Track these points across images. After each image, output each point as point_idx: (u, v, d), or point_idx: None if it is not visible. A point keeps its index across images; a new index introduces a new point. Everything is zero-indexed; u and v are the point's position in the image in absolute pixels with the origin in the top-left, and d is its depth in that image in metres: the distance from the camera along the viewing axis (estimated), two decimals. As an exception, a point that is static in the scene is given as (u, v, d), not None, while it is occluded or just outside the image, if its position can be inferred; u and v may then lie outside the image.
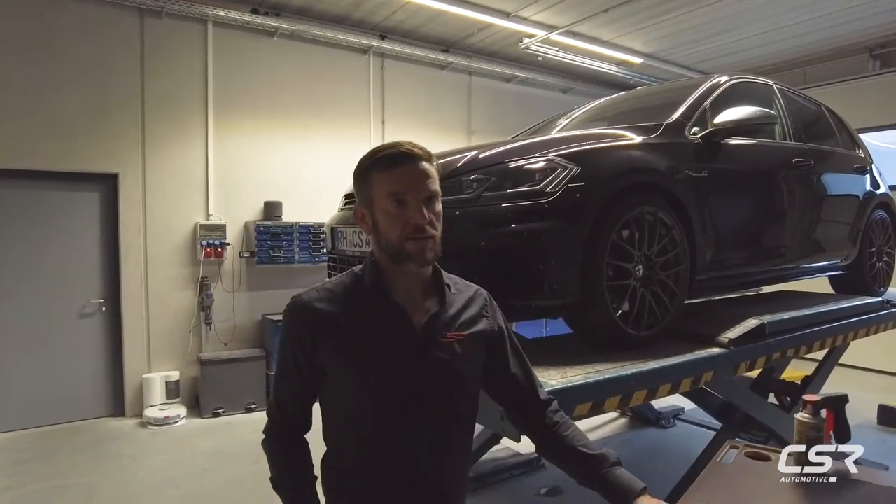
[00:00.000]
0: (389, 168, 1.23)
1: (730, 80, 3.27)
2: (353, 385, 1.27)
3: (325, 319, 1.26)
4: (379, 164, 1.24)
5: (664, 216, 2.50)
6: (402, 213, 1.22)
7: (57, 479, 4.19)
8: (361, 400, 1.27)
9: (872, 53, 7.59)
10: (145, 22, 5.68)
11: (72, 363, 5.49)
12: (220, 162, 6.13)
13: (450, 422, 1.32)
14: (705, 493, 1.46)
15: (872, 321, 3.64)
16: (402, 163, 1.23)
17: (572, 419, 2.02)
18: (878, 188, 4.25)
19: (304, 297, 1.29)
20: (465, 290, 1.42)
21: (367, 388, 1.26)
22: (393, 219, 1.23)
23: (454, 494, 1.35)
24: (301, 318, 1.28)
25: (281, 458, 1.35)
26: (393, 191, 1.22)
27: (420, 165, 1.24)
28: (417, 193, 1.22)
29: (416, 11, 6.38)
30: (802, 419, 1.62)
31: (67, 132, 5.34)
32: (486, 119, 8.03)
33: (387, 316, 1.27)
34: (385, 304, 1.28)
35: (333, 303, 1.28)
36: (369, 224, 1.29)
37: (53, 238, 5.42)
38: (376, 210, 1.25)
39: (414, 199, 1.22)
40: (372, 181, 1.25)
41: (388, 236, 1.24)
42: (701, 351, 2.51)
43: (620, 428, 5.32)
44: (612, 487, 1.33)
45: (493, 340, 1.41)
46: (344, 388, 1.29)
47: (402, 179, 1.22)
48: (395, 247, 1.24)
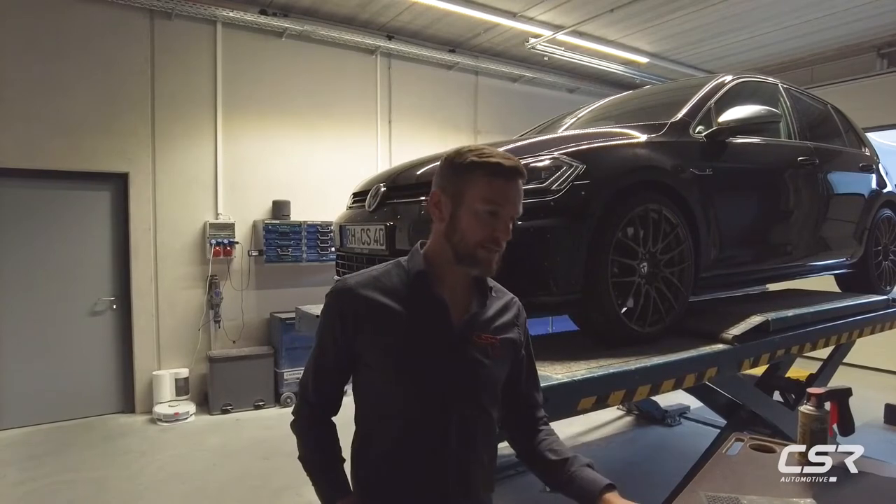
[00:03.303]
0: (497, 177, 1.23)
1: (734, 79, 3.28)
2: (387, 373, 1.29)
3: (369, 305, 1.28)
4: (488, 168, 1.23)
5: (669, 214, 2.52)
6: (490, 223, 1.24)
7: (68, 473, 4.26)
8: (393, 389, 1.29)
9: (880, 52, 7.55)
10: (155, 23, 5.75)
11: (83, 360, 5.57)
12: (228, 161, 6.20)
13: (475, 420, 1.33)
14: (710, 483, 1.48)
15: (878, 319, 3.64)
16: (510, 177, 1.25)
17: (577, 412, 2.06)
18: (884, 187, 4.24)
19: (350, 280, 1.31)
20: (503, 296, 1.44)
21: (401, 377, 1.28)
22: (481, 224, 1.24)
23: (476, 492, 1.36)
24: (347, 301, 1.29)
25: (310, 438, 1.38)
26: (493, 200, 1.23)
27: (519, 184, 1.27)
28: (511, 210, 1.26)
29: (423, 12, 6.41)
30: (806, 411, 1.64)
31: (78, 132, 5.42)
32: (492, 119, 8.05)
33: (428, 308, 1.29)
34: (428, 296, 1.30)
35: (378, 290, 1.29)
36: (444, 214, 1.28)
37: (64, 237, 5.50)
38: (463, 207, 1.25)
39: (506, 213, 1.25)
40: (471, 179, 1.24)
41: (466, 236, 1.25)
42: (705, 347, 2.53)
43: (626, 426, 5.33)
44: (578, 485, 1.34)
45: (517, 352, 1.43)
46: (379, 376, 1.31)
47: (504, 192, 1.24)
48: (469, 248, 1.25)
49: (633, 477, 4.14)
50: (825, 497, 1.39)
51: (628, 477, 4.14)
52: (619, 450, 4.74)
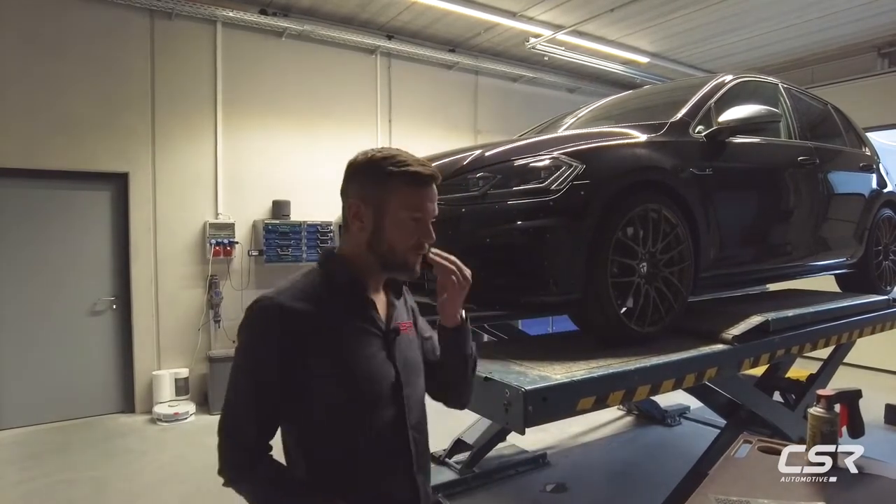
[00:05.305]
0: (417, 185, 1.27)
1: (735, 79, 3.28)
2: (337, 386, 1.24)
3: (307, 320, 1.21)
4: (408, 177, 1.26)
5: (668, 214, 2.52)
6: (415, 229, 1.28)
7: (68, 472, 4.25)
8: (347, 399, 1.25)
9: (880, 52, 7.56)
10: (156, 23, 5.74)
11: (83, 360, 5.56)
12: (228, 161, 6.19)
13: (421, 406, 1.40)
14: (719, 486, 1.48)
15: (878, 319, 3.63)
16: (429, 184, 1.29)
17: (576, 413, 2.06)
18: (884, 186, 4.24)
19: (278, 298, 1.22)
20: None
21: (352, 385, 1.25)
22: (407, 231, 1.28)
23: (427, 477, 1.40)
24: (281, 320, 1.20)
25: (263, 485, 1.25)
26: (416, 208, 1.27)
27: (435, 188, 1.31)
28: (431, 215, 1.30)
29: (423, 12, 6.41)
30: (816, 414, 1.63)
31: (78, 132, 5.41)
32: (492, 118, 8.04)
33: (362, 312, 1.30)
34: (361, 300, 1.31)
35: (310, 302, 1.23)
36: (366, 224, 1.28)
37: (65, 236, 5.49)
38: (387, 216, 1.27)
39: (427, 218, 1.30)
40: (392, 188, 1.26)
41: (393, 244, 1.27)
42: (705, 347, 2.53)
43: (626, 426, 5.33)
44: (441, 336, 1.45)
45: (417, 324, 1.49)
46: (327, 391, 1.23)
47: (426, 200, 1.28)
48: (398, 256, 1.29)
49: (633, 477, 4.12)
50: (836, 500, 1.38)
51: (628, 477, 4.12)
52: (619, 450, 4.73)
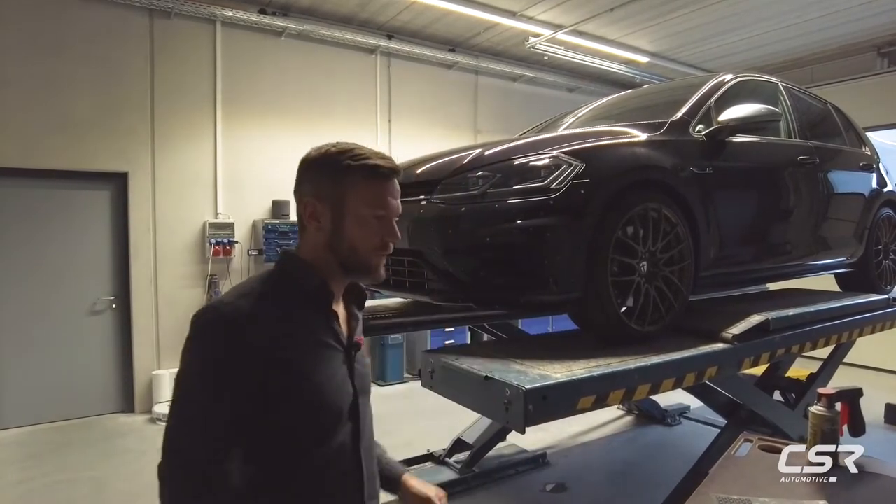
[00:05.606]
0: (378, 179, 1.17)
1: (734, 78, 3.27)
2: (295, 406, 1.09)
3: (265, 332, 1.07)
4: (367, 171, 1.15)
5: (668, 213, 2.52)
6: (378, 227, 1.18)
7: (67, 472, 4.25)
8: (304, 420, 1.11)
9: (880, 52, 7.56)
10: (155, 22, 5.74)
11: (82, 360, 5.56)
12: (228, 161, 6.19)
13: (371, 429, 1.28)
14: (720, 485, 1.48)
15: (878, 319, 3.62)
16: (390, 178, 1.19)
17: (576, 412, 2.06)
18: (884, 186, 4.23)
19: (231, 307, 1.08)
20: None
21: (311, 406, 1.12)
22: (370, 230, 1.17)
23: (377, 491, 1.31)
24: (240, 333, 1.05)
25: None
26: (378, 203, 1.17)
27: (397, 183, 1.21)
28: (395, 212, 1.20)
29: (423, 11, 6.41)
30: (817, 412, 1.63)
31: (78, 131, 5.41)
32: (492, 118, 8.05)
33: (325, 323, 1.18)
34: (325, 311, 1.18)
35: (269, 311, 1.10)
36: (324, 224, 1.16)
37: (64, 236, 5.49)
38: (347, 215, 1.15)
39: (391, 216, 1.19)
40: (351, 183, 1.15)
41: (357, 245, 1.16)
42: (705, 346, 2.52)
43: (626, 426, 5.32)
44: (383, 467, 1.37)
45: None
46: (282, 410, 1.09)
47: (389, 195, 1.18)
48: (361, 257, 1.18)
49: (633, 477, 4.12)
50: (836, 499, 1.38)
51: (628, 477, 4.12)
52: (619, 449, 4.73)
